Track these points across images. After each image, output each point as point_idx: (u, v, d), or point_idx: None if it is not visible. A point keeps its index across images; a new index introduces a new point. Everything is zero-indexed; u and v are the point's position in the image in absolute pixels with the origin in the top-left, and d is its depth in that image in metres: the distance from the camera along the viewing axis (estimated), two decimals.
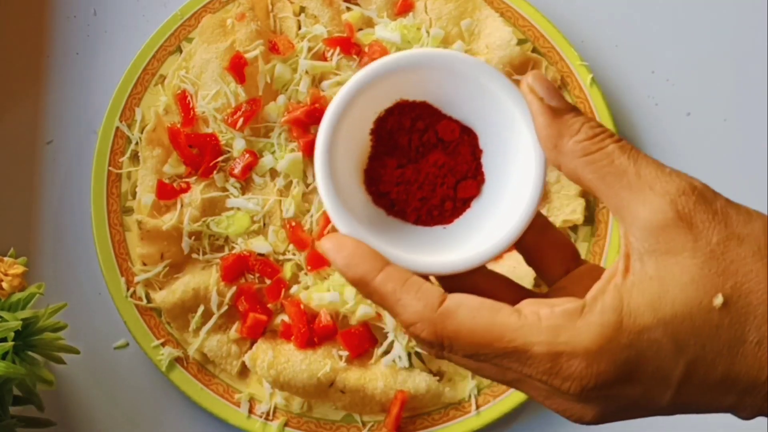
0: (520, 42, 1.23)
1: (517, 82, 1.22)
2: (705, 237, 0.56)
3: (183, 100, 1.25)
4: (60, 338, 1.07)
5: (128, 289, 1.20)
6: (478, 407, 1.16)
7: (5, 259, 1.05)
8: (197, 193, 1.22)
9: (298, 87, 1.24)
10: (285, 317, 1.19)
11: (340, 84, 1.24)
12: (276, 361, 1.14)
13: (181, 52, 1.28)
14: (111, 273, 1.21)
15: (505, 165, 0.69)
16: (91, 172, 1.24)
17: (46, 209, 1.29)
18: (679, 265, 0.54)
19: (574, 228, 1.21)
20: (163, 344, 1.19)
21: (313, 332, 1.17)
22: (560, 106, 0.61)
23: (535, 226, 0.68)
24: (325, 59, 1.26)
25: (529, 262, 0.74)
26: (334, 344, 1.18)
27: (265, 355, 1.15)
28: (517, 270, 1.14)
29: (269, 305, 1.20)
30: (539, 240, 0.71)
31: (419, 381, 1.15)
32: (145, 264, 1.21)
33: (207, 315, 1.19)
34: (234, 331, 1.19)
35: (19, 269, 1.04)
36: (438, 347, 0.59)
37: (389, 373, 1.15)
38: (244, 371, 1.19)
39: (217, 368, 1.19)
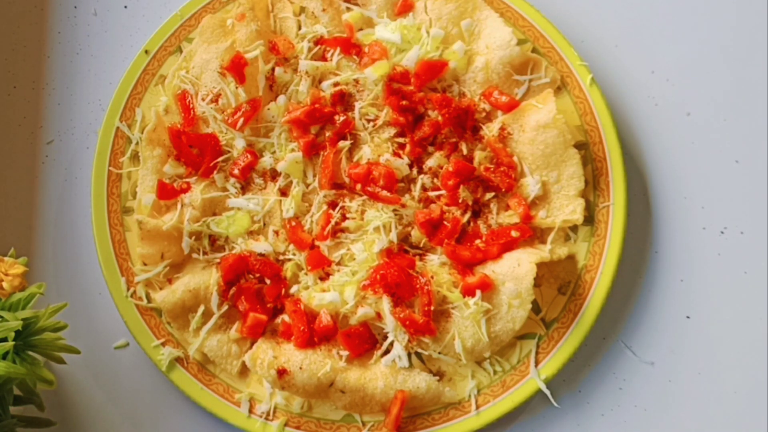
0: (520, 42, 1.23)
1: (517, 83, 1.23)
2: None
3: (183, 100, 1.25)
4: (60, 338, 1.07)
5: (128, 289, 1.20)
6: (477, 407, 1.16)
7: (6, 259, 1.06)
8: (197, 193, 1.22)
9: (298, 87, 1.24)
10: (285, 317, 1.19)
11: (340, 84, 1.24)
12: (276, 361, 1.14)
13: (181, 52, 1.28)
14: (111, 273, 1.21)
15: None
16: (91, 172, 1.24)
17: (47, 209, 1.29)
18: None
19: (574, 228, 1.20)
20: (163, 344, 1.19)
21: (313, 332, 1.17)
22: None
23: None
24: (325, 59, 1.27)
25: None
26: (335, 344, 1.18)
27: (265, 354, 1.15)
28: (517, 270, 1.14)
29: (269, 305, 1.20)
30: None
31: (419, 381, 1.15)
32: (145, 264, 1.21)
33: (207, 315, 1.19)
34: (234, 330, 1.19)
35: (19, 269, 1.05)
36: None
37: (389, 373, 1.15)
38: (244, 371, 1.19)
39: (217, 368, 1.19)
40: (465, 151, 1.21)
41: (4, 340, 0.99)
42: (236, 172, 1.22)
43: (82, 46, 1.35)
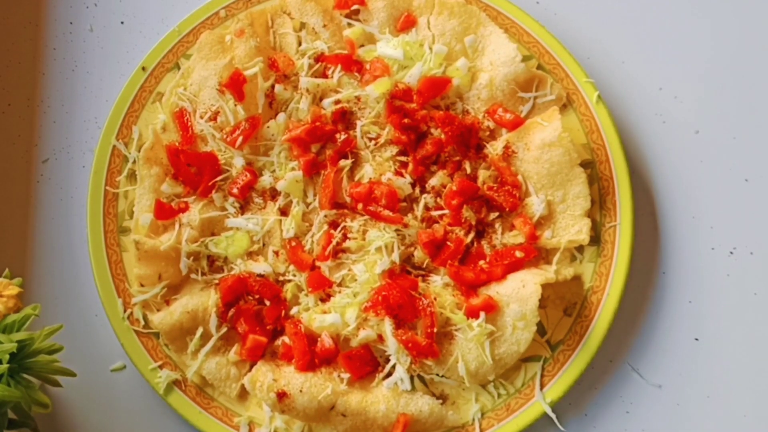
0: (525, 58, 1.21)
1: (522, 100, 1.22)
2: None
3: (181, 118, 1.24)
4: (56, 360, 1.06)
5: (125, 311, 1.19)
6: (482, 431, 1.15)
7: (0, 279, 1.04)
8: (196, 212, 1.20)
9: (298, 105, 1.23)
10: (285, 339, 1.17)
11: (341, 102, 1.23)
12: (276, 384, 1.12)
13: (179, 68, 1.27)
14: (108, 294, 1.20)
15: None
16: (87, 191, 1.23)
17: (42, 229, 1.28)
18: None
19: (580, 248, 1.19)
20: (160, 367, 1.18)
21: (314, 354, 1.16)
22: None
23: None
24: (326, 76, 1.25)
25: None
26: (335, 367, 1.16)
27: (264, 377, 1.13)
28: (522, 291, 1.13)
29: (269, 327, 1.18)
30: None
31: (422, 404, 1.14)
32: (142, 285, 1.20)
33: (206, 337, 1.18)
34: (233, 353, 1.18)
35: (14, 290, 1.04)
36: None
37: (391, 396, 1.14)
38: (243, 394, 1.18)
39: (215, 391, 1.18)
40: (468, 170, 1.20)
41: None
42: (235, 191, 1.21)
43: (78, 62, 1.33)
